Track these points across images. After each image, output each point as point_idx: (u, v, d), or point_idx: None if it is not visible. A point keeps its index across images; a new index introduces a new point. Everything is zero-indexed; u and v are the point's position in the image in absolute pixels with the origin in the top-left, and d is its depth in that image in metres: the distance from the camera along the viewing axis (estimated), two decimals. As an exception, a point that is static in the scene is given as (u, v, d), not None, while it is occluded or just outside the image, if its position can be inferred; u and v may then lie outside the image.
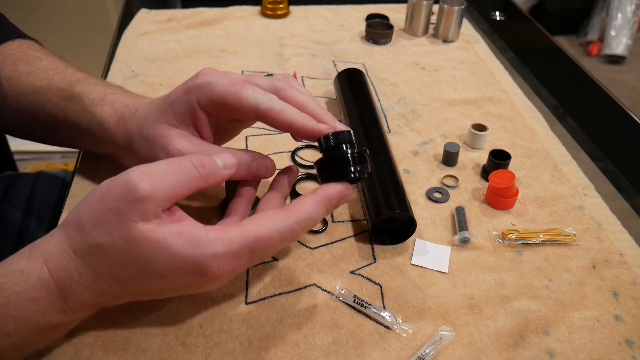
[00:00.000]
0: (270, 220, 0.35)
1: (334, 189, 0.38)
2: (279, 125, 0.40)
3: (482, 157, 0.61)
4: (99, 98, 0.49)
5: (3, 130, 0.58)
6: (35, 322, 0.34)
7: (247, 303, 0.44)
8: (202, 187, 0.36)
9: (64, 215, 0.51)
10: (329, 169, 0.39)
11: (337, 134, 0.40)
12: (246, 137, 0.63)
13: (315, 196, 0.37)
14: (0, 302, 0.33)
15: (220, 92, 0.40)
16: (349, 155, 0.39)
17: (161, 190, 0.33)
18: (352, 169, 0.39)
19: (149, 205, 0.32)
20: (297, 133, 0.40)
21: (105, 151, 0.55)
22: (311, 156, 0.61)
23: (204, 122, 0.42)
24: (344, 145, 0.39)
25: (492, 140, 0.64)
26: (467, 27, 0.91)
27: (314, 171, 0.58)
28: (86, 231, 0.33)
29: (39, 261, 0.34)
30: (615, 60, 2.58)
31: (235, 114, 0.41)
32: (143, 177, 0.33)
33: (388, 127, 0.66)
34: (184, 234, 0.33)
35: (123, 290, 0.34)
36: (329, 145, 0.40)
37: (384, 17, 0.91)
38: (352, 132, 0.40)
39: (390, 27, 0.85)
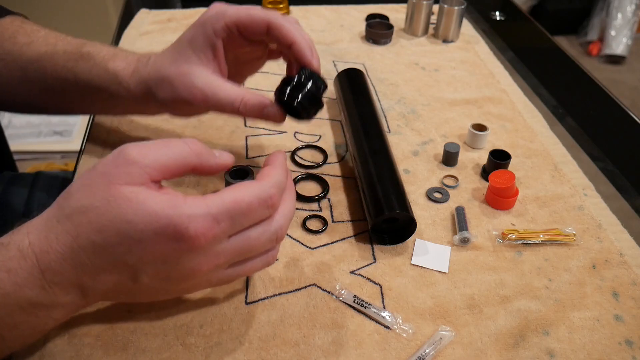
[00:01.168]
0: (248, 186, 0.36)
1: (282, 156, 0.40)
2: (284, 39, 0.45)
3: (482, 157, 0.61)
4: (110, 55, 0.51)
5: (15, 108, 0.58)
6: (15, 297, 0.33)
7: (247, 303, 0.44)
8: (195, 163, 0.36)
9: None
10: (287, 86, 0.46)
11: (314, 75, 0.46)
12: (246, 137, 0.63)
13: (274, 164, 0.39)
14: None
15: (234, 14, 0.45)
16: (306, 89, 0.45)
17: (148, 157, 0.34)
18: (300, 98, 0.45)
19: (135, 169, 0.33)
20: (294, 51, 0.46)
21: (119, 110, 0.56)
22: (311, 156, 0.61)
23: (222, 54, 0.47)
24: (311, 80, 0.45)
25: (492, 140, 0.64)
26: (467, 27, 0.91)
27: (314, 171, 0.58)
28: (72, 195, 0.34)
29: (22, 232, 0.34)
30: (615, 60, 2.58)
31: (249, 33, 0.46)
32: (133, 146, 0.34)
33: (388, 127, 0.66)
34: (164, 200, 0.33)
35: (101, 262, 0.34)
36: (302, 72, 0.46)
37: (384, 17, 0.91)
38: (327, 86, 0.47)
39: (390, 27, 0.85)
